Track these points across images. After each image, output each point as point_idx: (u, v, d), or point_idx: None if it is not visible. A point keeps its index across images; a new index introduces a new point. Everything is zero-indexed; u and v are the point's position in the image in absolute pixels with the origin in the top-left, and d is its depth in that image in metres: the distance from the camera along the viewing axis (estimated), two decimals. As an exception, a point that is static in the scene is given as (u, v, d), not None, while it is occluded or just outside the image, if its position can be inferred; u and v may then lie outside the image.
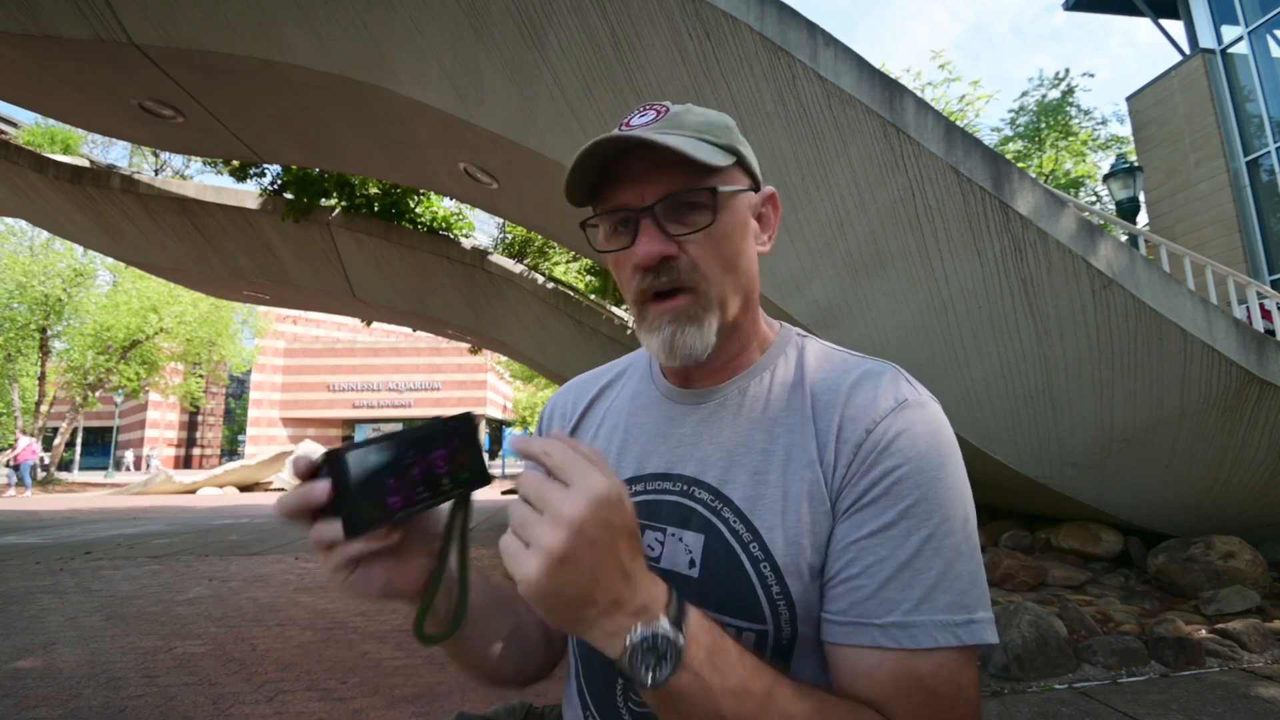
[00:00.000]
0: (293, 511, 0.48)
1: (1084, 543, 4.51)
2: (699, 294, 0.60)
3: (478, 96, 4.26)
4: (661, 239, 0.58)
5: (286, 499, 0.48)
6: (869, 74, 3.44)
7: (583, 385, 0.80)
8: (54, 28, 4.28)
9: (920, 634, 0.52)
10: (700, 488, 0.63)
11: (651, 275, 0.59)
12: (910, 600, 0.52)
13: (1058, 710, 2.55)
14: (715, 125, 0.61)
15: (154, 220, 8.20)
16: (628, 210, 0.59)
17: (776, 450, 0.61)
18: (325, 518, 0.48)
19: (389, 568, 0.52)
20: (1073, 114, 15.84)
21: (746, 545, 0.59)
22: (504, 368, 24.50)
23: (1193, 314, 3.47)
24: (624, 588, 0.46)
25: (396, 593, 0.53)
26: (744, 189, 0.63)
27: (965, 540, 0.55)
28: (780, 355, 0.68)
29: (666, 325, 0.60)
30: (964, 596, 0.53)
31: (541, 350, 9.72)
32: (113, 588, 5.10)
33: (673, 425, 0.68)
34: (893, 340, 4.04)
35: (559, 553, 0.43)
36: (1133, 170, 8.61)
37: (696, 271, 0.59)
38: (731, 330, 0.64)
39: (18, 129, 14.18)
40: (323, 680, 3.03)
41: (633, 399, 0.73)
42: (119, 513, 11.99)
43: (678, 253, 0.59)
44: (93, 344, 21.12)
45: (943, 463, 0.56)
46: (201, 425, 48.40)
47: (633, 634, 0.45)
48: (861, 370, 0.63)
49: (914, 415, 0.58)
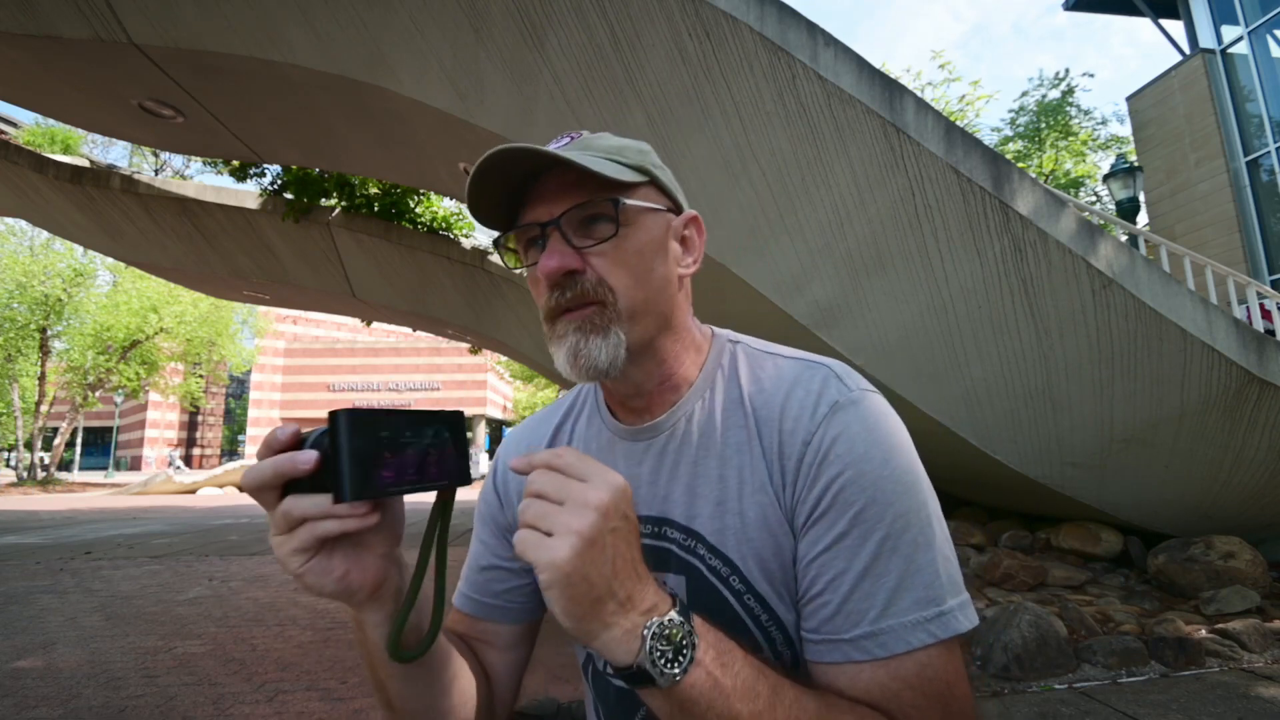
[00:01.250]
0: (267, 481, 0.46)
1: (1084, 543, 4.51)
2: (605, 306, 0.58)
3: (478, 96, 4.26)
4: (567, 252, 0.58)
5: (262, 468, 0.46)
6: (869, 74, 3.44)
7: (534, 430, 0.78)
8: (54, 28, 4.28)
9: (890, 639, 0.51)
10: (671, 527, 0.62)
11: (558, 291, 0.58)
12: (875, 608, 0.52)
13: (1058, 710, 2.55)
14: (626, 149, 0.62)
15: (154, 220, 8.20)
16: (536, 225, 0.59)
17: (730, 476, 0.60)
18: (296, 492, 0.46)
19: (348, 559, 0.50)
20: (1073, 114, 15.84)
21: (727, 580, 0.59)
22: (504, 368, 24.50)
23: (1193, 314, 3.47)
24: (637, 584, 0.47)
25: (352, 588, 0.50)
26: (657, 208, 0.62)
27: (923, 530, 0.54)
28: (716, 369, 0.66)
29: (571, 334, 0.58)
30: (930, 590, 0.52)
31: (541, 350, 9.71)
32: (113, 588, 5.10)
33: (630, 465, 0.66)
34: (893, 340, 4.04)
35: (589, 535, 0.44)
36: (1133, 170, 8.61)
37: (602, 285, 0.58)
38: (649, 352, 0.62)
39: (18, 129, 14.17)
40: (323, 680, 3.03)
41: (588, 441, 0.72)
42: (119, 513, 11.99)
43: (582, 266, 0.58)
44: (93, 344, 21.11)
45: (885, 458, 0.55)
46: (201, 425, 48.40)
47: (648, 628, 0.45)
48: (793, 377, 0.62)
49: (847, 416, 0.57)
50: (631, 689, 0.48)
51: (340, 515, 0.46)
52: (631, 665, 0.45)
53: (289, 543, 0.47)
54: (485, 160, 0.55)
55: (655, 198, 0.63)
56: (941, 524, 0.56)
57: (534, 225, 0.59)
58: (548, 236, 0.58)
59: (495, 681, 0.70)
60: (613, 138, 0.63)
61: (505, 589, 0.72)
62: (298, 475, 0.45)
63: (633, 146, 0.63)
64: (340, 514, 0.46)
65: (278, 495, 0.47)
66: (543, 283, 0.59)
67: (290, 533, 0.47)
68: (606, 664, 0.65)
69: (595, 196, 0.58)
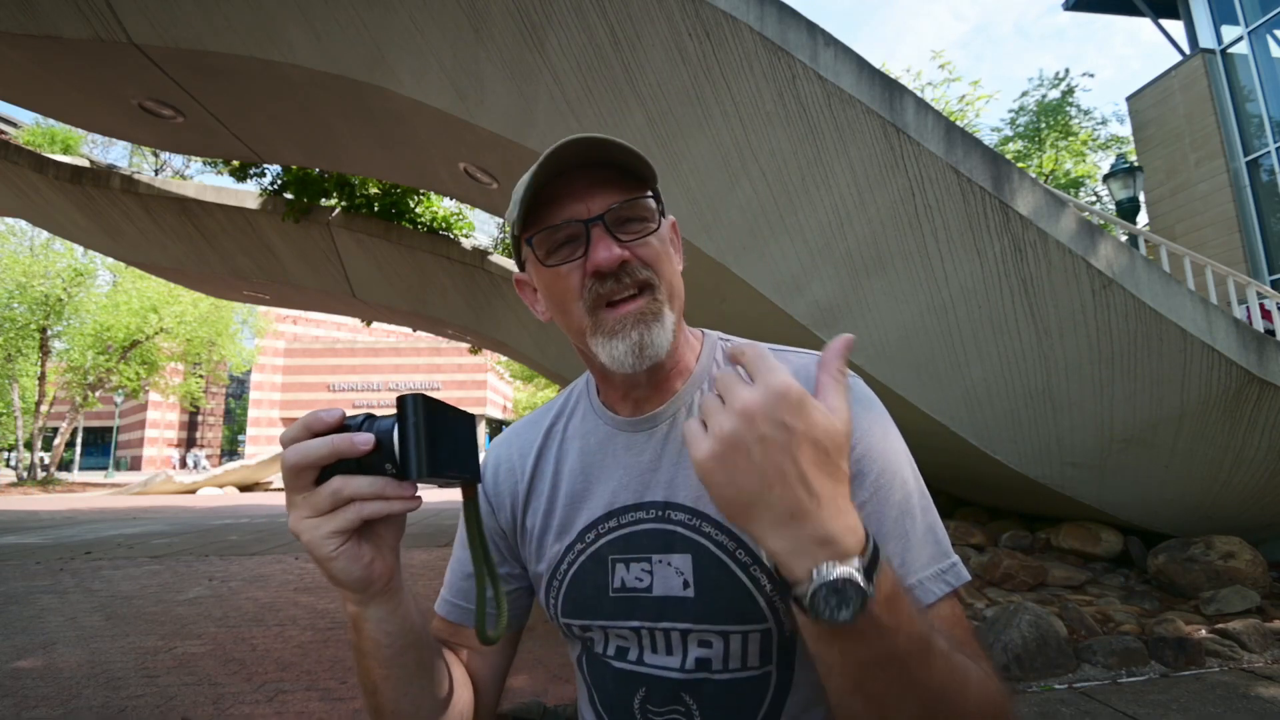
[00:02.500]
0: (320, 459, 0.47)
1: (1084, 543, 4.51)
2: (656, 291, 0.62)
3: (478, 96, 4.26)
4: (616, 244, 0.60)
5: (316, 445, 0.46)
6: (869, 74, 3.44)
7: (523, 435, 0.78)
8: (54, 28, 4.28)
9: (920, 593, 0.55)
10: (676, 510, 0.64)
11: (611, 280, 0.60)
12: (903, 567, 0.56)
13: (1058, 710, 2.55)
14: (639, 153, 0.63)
15: (154, 220, 8.20)
16: (575, 222, 0.60)
17: None
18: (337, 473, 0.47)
19: (375, 547, 0.51)
20: (1073, 114, 15.84)
21: (733, 553, 0.61)
22: (504, 368, 24.50)
23: (1193, 314, 3.47)
24: (807, 500, 0.43)
25: (373, 576, 0.51)
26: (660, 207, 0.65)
27: (922, 495, 0.60)
28: (711, 362, 0.70)
29: (632, 329, 0.60)
30: (939, 545, 0.58)
31: (541, 350, 9.72)
32: (113, 588, 5.10)
33: (632, 454, 0.68)
34: (893, 340, 4.04)
35: (728, 438, 0.43)
36: (1133, 170, 8.62)
37: (650, 270, 0.61)
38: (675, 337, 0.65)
39: (18, 129, 14.18)
40: (323, 680, 3.03)
41: (584, 437, 0.72)
42: (119, 513, 11.99)
43: (631, 257, 0.61)
44: (93, 344, 21.12)
45: (885, 432, 0.61)
46: (201, 425, 48.39)
47: (820, 571, 0.42)
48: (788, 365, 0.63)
49: None
50: None
51: (389, 496, 0.47)
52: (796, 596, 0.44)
53: (329, 523, 0.47)
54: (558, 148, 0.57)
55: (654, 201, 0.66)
56: (926, 488, 0.62)
57: (573, 222, 0.60)
58: (589, 233, 0.60)
59: (478, 686, 0.71)
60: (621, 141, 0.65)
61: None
62: (354, 456, 0.47)
63: (643, 152, 0.64)
64: (390, 494, 0.47)
65: (314, 476, 0.47)
66: (585, 277, 0.61)
67: (332, 513, 0.47)
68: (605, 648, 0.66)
69: (636, 194, 0.61)
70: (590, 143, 0.58)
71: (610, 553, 0.66)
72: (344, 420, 0.49)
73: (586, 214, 0.60)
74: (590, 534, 0.67)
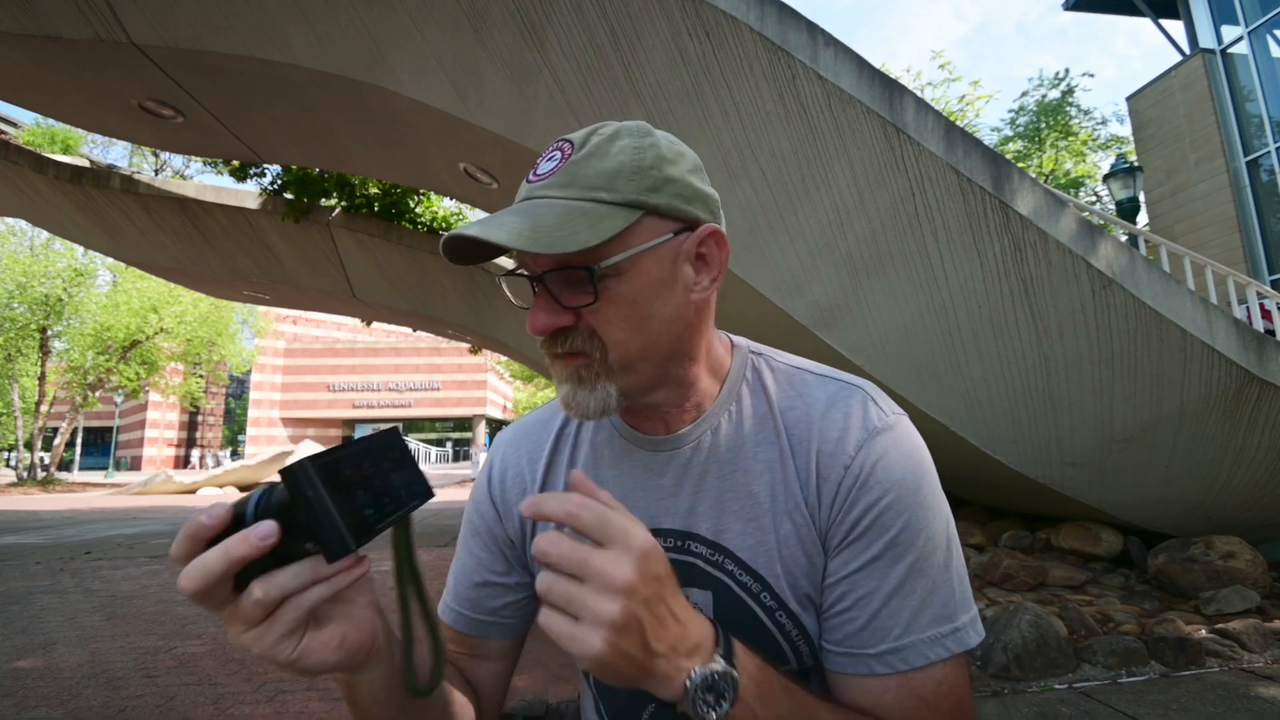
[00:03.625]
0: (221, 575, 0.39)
1: (1084, 543, 4.51)
2: (594, 360, 0.56)
3: (478, 96, 4.26)
4: (554, 309, 0.55)
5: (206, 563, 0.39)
6: (869, 74, 3.44)
7: (532, 435, 0.72)
8: (54, 28, 4.28)
9: (911, 654, 0.54)
10: (696, 541, 0.61)
11: (550, 341, 0.57)
12: (900, 625, 0.54)
13: (1058, 710, 2.55)
14: (619, 176, 0.54)
15: (154, 220, 8.20)
16: (526, 274, 0.58)
17: (761, 492, 0.60)
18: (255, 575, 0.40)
19: (339, 624, 0.45)
20: (1073, 114, 15.84)
21: (758, 595, 0.59)
22: (504, 368, 24.50)
23: (1193, 314, 3.47)
24: (678, 632, 0.45)
25: (353, 651, 0.46)
26: (658, 241, 0.55)
27: (945, 551, 0.57)
28: (741, 382, 0.65)
29: (564, 384, 0.58)
30: (946, 607, 0.55)
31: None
32: (113, 588, 5.10)
33: (650, 476, 0.64)
34: (893, 340, 4.04)
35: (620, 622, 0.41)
36: (1133, 170, 8.62)
37: (594, 339, 0.56)
38: (656, 384, 0.60)
39: (18, 129, 14.18)
40: (323, 680, 3.03)
41: (598, 449, 0.68)
42: (119, 513, 11.99)
43: (574, 321, 0.56)
44: (93, 344, 21.11)
45: (919, 484, 0.57)
46: (201, 425, 48.38)
47: (692, 676, 0.44)
48: (827, 398, 0.62)
49: (885, 441, 0.58)
50: None
51: (327, 576, 0.42)
52: (675, 707, 0.46)
53: (272, 631, 0.41)
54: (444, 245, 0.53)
55: (654, 230, 0.56)
56: (957, 542, 0.58)
57: (526, 273, 0.58)
58: (534, 288, 0.57)
59: (482, 692, 0.69)
60: (608, 157, 0.55)
61: (500, 605, 0.70)
62: (258, 555, 0.39)
63: (628, 168, 0.54)
64: (328, 574, 0.42)
65: (231, 588, 0.41)
66: None
67: (269, 620, 0.41)
68: None
69: (570, 264, 0.54)
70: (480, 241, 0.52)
71: None
72: (234, 512, 0.41)
73: (535, 266, 0.56)
74: None
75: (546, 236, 0.50)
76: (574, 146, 0.56)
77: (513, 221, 0.52)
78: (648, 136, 0.57)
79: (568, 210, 0.53)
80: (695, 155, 0.61)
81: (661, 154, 0.56)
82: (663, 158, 0.56)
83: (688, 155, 0.59)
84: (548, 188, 0.55)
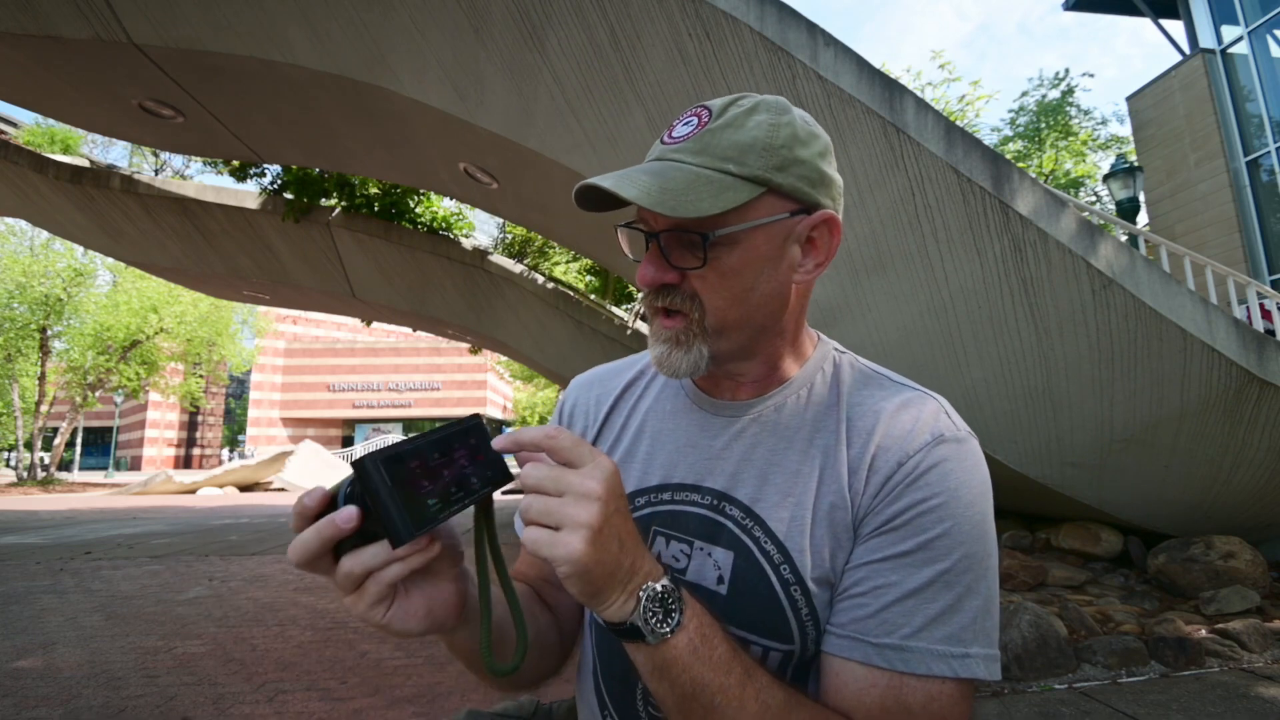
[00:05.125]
0: (315, 551, 0.45)
1: (1084, 543, 4.51)
2: (692, 322, 0.59)
3: (478, 96, 4.26)
4: (663, 266, 0.59)
5: (305, 540, 0.45)
6: (869, 74, 3.44)
7: (605, 381, 0.78)
8: (54, 28, 4.28)
9: (913, 659, 0.52)
10: (731, 504, 0.63)
11: (653, 295, 0.61)
12: (910, 626, 0.53)
13: (1058, 710, 2.55)
14: (750, 151, 0.56)
15: (154, 220, 8.20)
16: (642, 229, 0.61)
17: (809, 472, 0.61)
18: (350, 549, 0.46)
19: (426, 594, 0.51)
20: (1073, 114, 15.83)
21: (778, 567, 0.59)
22: (504, 368, 24.48)
23: (1193, 314, 3.47)
24: (639, 553, 0.49)
25: (438, 620, 0.51)
26: (774, 218, 0.58)
27: (979, 579, 0.55)
28: (817, 371, 0.67)
29: (660, 344, 0.61)
30: (964, 631, 0.53)
31: (541, 350, 9.72)
32: (113, 588, 5.10)
33: (704, 436, 0.67)
34: (893, 340, 4.04)
35: (597, 524, 0.45)
36: (1133, 170, 8.61)
37: (694, 300, 0.59)
38: (743, 354, 0.63)
39: (18, 129, 14.16)
40: (323, 680, 3.03)
41: (661, 402, 0.72)
42: (119, 513, 11.99)
43: (679, 280, 0.59)
44: (93, 344, 21.11)
45: (972, 501, 0.56)
46: (201, 425, 48.35)
47: (645, 589, 0.48)
48: (901, 398, 0.62)
49: (948, 451, 0.57)
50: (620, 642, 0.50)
51: (401, 557, 0.46)
52: (625, 622, 0.48)
53: (362, 600, 0.47)
54: (577, 192, 0.57)
55: (773, 207, 0.58)
56: (995, 580, 0.57)
57: (642, 228, 0.61)
58: (648, 244, 0.60)
59: (561, 615, 0.72)
60: (743, 130, 0.57)
61: None
62: (344, 535, 0.45)
63: (760, 144, 0.56)
64: (401, 555, 0.46)
65: (332, 559, 0.46)
66: None
67: (359, 590, 0.46)
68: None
69: (685, 228, 0.57)
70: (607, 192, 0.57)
71: (655, 523, 0.65)
72: (330, 496, 0.47)
73: (652, 223, 0.60)
74: (641, 499, 0.67)
75: (671, 199, 0.54)
76: (711, 114, 0.59)
77: (643, 180, 0.55)
78: (785, 114, 0.59)
79: (695, 177, 0.56)
80: (828, 138, 0.62)
81: (795, 133, 0.58)
82: (796, 138, 0.58)
83: (820, 138, 0.61)
84: (680, 151, 0.58)
